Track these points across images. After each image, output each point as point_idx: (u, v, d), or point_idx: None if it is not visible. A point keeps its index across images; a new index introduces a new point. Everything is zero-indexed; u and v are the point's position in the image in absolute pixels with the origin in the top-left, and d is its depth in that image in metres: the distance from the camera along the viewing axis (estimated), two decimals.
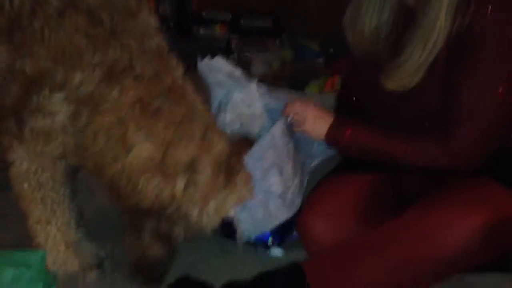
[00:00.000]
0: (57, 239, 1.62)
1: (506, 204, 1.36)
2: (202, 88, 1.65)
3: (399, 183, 1.62)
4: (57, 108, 1.42)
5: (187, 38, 3.75)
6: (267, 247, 1.76)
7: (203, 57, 1.64)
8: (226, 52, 3.76)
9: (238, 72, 1.67)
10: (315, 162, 1.72)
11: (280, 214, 1.59)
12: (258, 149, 1.54)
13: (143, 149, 1.39)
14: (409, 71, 1.43)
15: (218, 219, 1.50)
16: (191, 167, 1.43)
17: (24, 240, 1.73)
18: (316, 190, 1.64)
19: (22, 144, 1.52)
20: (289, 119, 1.59)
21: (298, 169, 1.63)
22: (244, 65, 3.30)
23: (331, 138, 1.55)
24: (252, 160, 1.53)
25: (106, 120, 1.39)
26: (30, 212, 1.61)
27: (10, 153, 1.56)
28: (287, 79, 2.94)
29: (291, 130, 1.61)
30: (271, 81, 2.50)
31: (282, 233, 1.73)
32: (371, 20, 1.53)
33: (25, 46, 1.42)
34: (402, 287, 1.40)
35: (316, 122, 1.56)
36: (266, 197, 1.56)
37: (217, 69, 1.64)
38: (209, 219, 1.49)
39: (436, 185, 1.50)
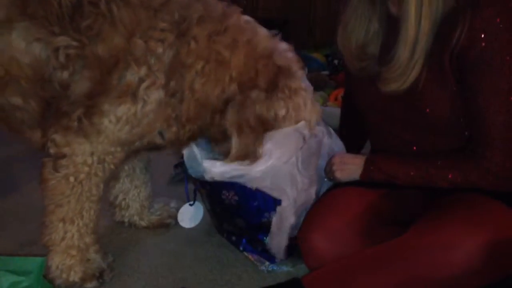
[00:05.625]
0: (73, 241, 1.58)
1: (508, 225, 1.35)
2: None
3: (400, 200, 1.61)
4: (154, 83, 1.49)
5: None
6: (273, 261, 1.73)
7: None
8: None
9: None
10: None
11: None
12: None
13: (239, 56, 1.54)
14: (400, 68, 1.43)
15: None
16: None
17: (22, 247, 1.73)
18: (317, 204, 1.63)
19: (87, 138, 1.50)
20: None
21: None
22: None
23: (366, 179, 1.59)
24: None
25: (198, 67, 1.51)
26: (57, 208, 1.55)
27: (64, 149, 1.52)
28: None
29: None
30: None
31: (290, 246, 1.70)
32: (357, 37, 1.54)
33: (92, 30, 1.47)
34: None
35: (346, 169, 1.61)
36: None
37: None
38: None
39: (437, 203, 1.49)
